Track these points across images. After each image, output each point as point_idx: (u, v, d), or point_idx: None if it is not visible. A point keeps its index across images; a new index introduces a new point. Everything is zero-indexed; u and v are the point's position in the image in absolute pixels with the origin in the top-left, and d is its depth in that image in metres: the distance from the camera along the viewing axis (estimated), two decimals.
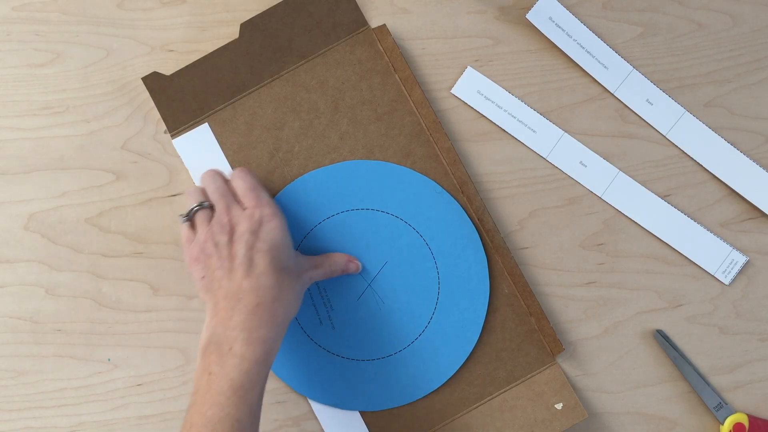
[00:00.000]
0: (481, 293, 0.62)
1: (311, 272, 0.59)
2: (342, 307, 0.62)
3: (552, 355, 0.63)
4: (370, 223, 0.62)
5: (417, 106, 0.64)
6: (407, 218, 0.62)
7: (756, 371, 0.64)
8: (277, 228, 0.56)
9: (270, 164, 0.64)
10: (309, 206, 0.62)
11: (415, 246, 0.62)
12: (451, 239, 0.62)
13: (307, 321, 0.62)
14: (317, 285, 0.63)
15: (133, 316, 0.63)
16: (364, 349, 0.62)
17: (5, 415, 0.63)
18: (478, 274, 0.62)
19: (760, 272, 0.64)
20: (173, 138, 0.64)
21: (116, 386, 0.63)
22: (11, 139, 0.64)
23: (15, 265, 0.64)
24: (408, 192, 0.62)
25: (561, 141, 0.65)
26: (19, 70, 0.65)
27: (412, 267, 0.62)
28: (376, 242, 0.62)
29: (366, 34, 0.64)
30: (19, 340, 0.63)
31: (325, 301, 0.62)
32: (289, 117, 0.64)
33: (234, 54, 0.64)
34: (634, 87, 0.65)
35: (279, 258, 0.56)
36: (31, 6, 0.65)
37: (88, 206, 0.64)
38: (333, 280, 0.62)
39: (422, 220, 0.62)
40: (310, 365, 0.62)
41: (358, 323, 0.62)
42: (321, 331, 0.62)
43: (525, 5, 0.65)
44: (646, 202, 0.64)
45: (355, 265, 0.62)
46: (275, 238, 0.56)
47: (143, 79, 0.64)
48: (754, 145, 0.65)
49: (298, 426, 0.63)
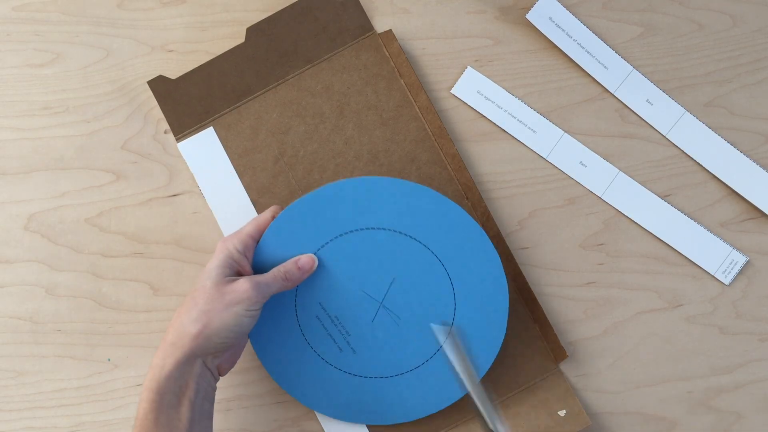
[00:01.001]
0: (500, 305, 0.60)
1: (247, 290, 0.55)
2: (358, 331, 0.60)
3: (555, 362, 0.63)
4: (368, 242, 0.60)
5: (422, 111, 0.64)
6: (407, 230, 0.60)
7: (756, 371, 0.64)
8: (207, 265, 0.57)
9: (275, 168, 0.64)
10: (302, 237, 0.59)
11: (421, 257, 0.60)
12: (459, 243, 0.60)
13: (325, 351, 0.60)
14: (328, 315, 0.60)
15: (133, 316, 0.63)
16: (387, 366, 0.61)
17: (5, 415, 0.63)
18: (493, 276, 0.60)
19: (760, 272, 0.64)
20: (178, 141, 0.64)
21: (116, 386, 0.63)
22: (11, 139, 0.64)
23: (15, 265, 0.64)
24: (402, 203, 0.59)
25: (561, 141, 0.65)
26: (19, 70, 0.65)
27: (422, 278, 0.60)
28: (378, 261, 0.60)
29: (372, 39, 0.64)
30: (19, 340, 0.63)
31: (340, 329, 0.60)
32: (295, 121, 0.64)
33: (240, 58, 0.64)
34: (634, 87, 0.65)
35: (192, 290, 0.56)
36: (31, 6, 0.65)
37: (88, 206, 0.64)
38: (341, 307, 0.60)
39: (424, 229, 0.60)
40: (333, 388, 0.61)
41: (379, 343, 0.60)
42: (343, 358, 0.60)
43: (525, 5, 0.65)
44: (646, 202, 0.64)
45: (308, 260, 0.59)
46: (200, 274, 0.56)
47: (149, 83, 0.64)
48: (754, 145, 0.65)
49: (298, 426, 0.63)
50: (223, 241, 0.58)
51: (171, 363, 0.53)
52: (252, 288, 0.55)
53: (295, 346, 0.61)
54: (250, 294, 0.55)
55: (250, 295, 0.55)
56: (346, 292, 0.60)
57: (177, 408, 0.53)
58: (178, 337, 0.53)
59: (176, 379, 0.53)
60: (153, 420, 0.52)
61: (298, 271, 0.58)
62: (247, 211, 0.64)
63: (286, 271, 0.58)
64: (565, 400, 0.62)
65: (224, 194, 0.64)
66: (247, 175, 0.64)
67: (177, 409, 0.53)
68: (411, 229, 0.60)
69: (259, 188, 0.64)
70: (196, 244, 0.64)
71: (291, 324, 0.60)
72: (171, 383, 0.52)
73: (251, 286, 0.55)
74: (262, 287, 0.56)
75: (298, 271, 0.58)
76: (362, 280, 0.60)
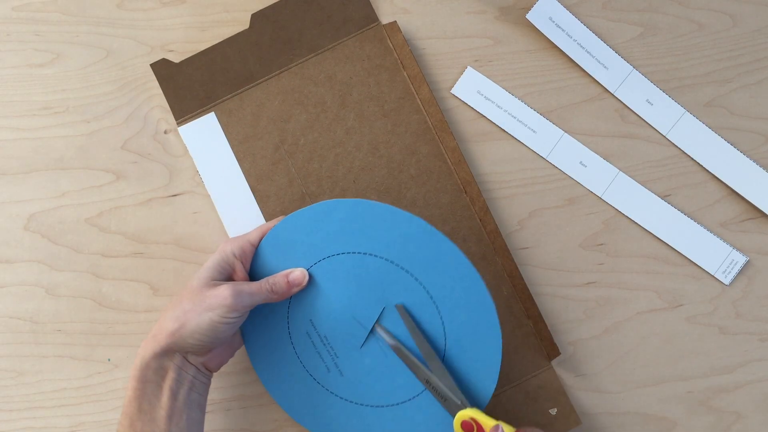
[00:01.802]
0: (492, 337, 0.56)
1: (226, 297, 0.54)
2: (346, 354, 0.58)
3: (548, 359, 0.62)
4: (362, 267, 0.57)
5: (424, 104, 0.64)
6: (401, 262, 0.56)
7: (756, 371, 0.64)
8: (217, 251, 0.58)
9: (275, 156, 0.64)
10: (297, 250, 0.58)
11: (413, 291, 0.56)
12: (448, 279, 0.56)
13: (314, 368, 0.59)
14: (317, 333, 0.58)
15: (133, 316, 0.63)
16: (373, 395, 0.58)
17: (5, 415, 0.63)
18: (487, 323, 0.56)
19: (760, 272, 0.64)
20: (179, 126, 0.64)
21: (116, 386, 0.63)
22: (11, 139, 0.64)
23: (15, 265, 0.64)
24: (398, 234, 0.56)
25: (561, 141, 0.65)
26: (19, 70, 0.65)
27: (413, 313, 0.57)
28: (370, 287, 0.57)
29: (376, 30, 0.64)
30: (19, 340, 0.63)
31: (329, 349, 0.58)
32: (296, 110, 0.64)
33: (243, 44, 0.64)
34: (634, 87, 0.65)
35: (192, 281, 0.56)
36: (31, 6, 0.65)
37: (88, 206, 0.64)
38: (331, 328, 0.58)
39: (419, 265, 0.56)
40: (319, 405, 0.59)
41: (367, 370, 0.58)
42: (330, 378, 0.59)
43: (525, 5, 0.65)
44: (646, 202, 0.64)
45: (299, 274, 0.57)
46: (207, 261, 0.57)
47: (152, 66, 0.64)
48: (754, 145, 0.65)
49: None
50: (225, 243, 0.58)
51: (149, 354, 0.54)
52: (231, 296, 0.54)
53: (285, 358, 0.60)
54: (228, 301, 0.54)
55: (228, 302, 0.54)
56: (336, 314, 0.58)
57: (158, 396, 0.54)
58: (159, 330, 0.54)
59: (155, 369, 0.54)
60: (137, 407, 0.53)
61: (287, 285, 0.57)
62: (246, 198, 0.64)
63: (274, 283, 0.57)
64: (556, 398, 0.62)
65: (223, 180, 0.64)
66: (246, 161, 0.64)
67: (158, 397, 0.54)
68: (405, 262, 0.56)
69: (258, 175, 0.64)
70: (196, 244, 0.64)
71: (283, 336, 0.59)
72: (151, 373, 0.54)
73: (231, 293, 0.54)
74: (244, 297, 0.55)
75: (286, 285, 0.57)
76: (353, 304, 0.57)
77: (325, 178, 0.63)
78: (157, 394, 0.54)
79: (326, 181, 0.63)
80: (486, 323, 0.55)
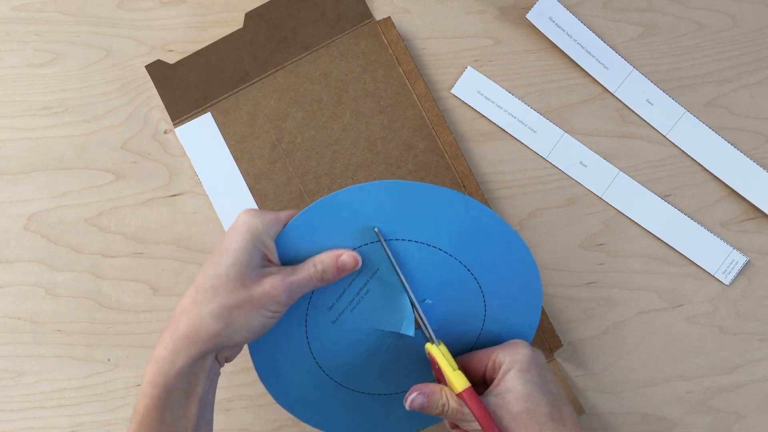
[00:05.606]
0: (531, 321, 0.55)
1: (279, 293, 0.48)
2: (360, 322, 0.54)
3: (551, 351, 0.63)
4: (396, 256, 0.53)
5: (420, 99, 0.64)
6: (437, 243, 0.53)
7: (756, 371, 0.64)
8: (226, 239, 0.49)
9: (272, 155, 0.64)
10: (334, 234, 0.52)
11: (454, 272, 0.54)
12: (490, 250, 0.54)
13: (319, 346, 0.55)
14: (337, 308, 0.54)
15: (133, 316, 0.63)
16: (381, 384, 0.57)
17: (5, 415, 0.63)
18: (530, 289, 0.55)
19: (760, 272, 0.64)
20: (175, 127, 0.64)
21: (116, 386, 0.63)
22: (11, 139, 0.64)
23: (15, 265, 0.64)
24: (436, 215, 0.52)
25: (561, 141, 0.65)
26: (19, 70, 0.65)
27: (454, 297, 0.54)
28: (410, 277, 0.53)
29: (371, 26, 0.64)
30: (19, 340, 0.63)
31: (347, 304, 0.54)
32: (292, 108, 0.64)
33: (238, 44, 0.64)
34: (634, 87, 0.65)
35: (209, 268, 0.48)
36: (31, 6, 0.65)
37: (88, 206, 0.64)
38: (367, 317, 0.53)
39: (457, 242, 0.53)
40: (324, 400, 0.57)
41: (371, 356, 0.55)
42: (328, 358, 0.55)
43: (525, 5, 0.65)
44: (646, 202, 0.64)
45: (350, 259, 0.51)
46: (217, 248, 0.49)
47: (147, 67, 0.64)
48: (754, 145, 0.65)
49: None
50: (249, 214, 0.49)
51: (184, 359, 0.47)
52: (284, 291, 0.48)
53: (296, 354, 0.55)
54: (281, 298, 0.48)
55: (282, 299, 0.48)
56: None
57: (185, 406, 0.47)
58: (195, 331, 0.47)
59: (187, 375, 0.47)
60: (157, 418, 0.47)
61: (336, 271, 0.50)
62: (244, 198, 0.64)
63: (323, 270, 0.50)
64: None
65: (221, 180, 0.64)
66: (244, 160, 0.64)
67: (185, 407, 0.47)
68: (444, 243, 0.53)
69: (256, 174, 0.64)
70: (196, 244, 0.64)
71: (299, 329, 0.54)
72: (181, 380, 0.47)
73: (283, 289, 0.48)
74: (295, 289, 0.48)
75: (336, 270, 0.50)
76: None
77: (323, 176, 0.64)
78: (184, 404, 0.47)
79: (324, 178, 0.63)
80: (530, 289, 0.56)
